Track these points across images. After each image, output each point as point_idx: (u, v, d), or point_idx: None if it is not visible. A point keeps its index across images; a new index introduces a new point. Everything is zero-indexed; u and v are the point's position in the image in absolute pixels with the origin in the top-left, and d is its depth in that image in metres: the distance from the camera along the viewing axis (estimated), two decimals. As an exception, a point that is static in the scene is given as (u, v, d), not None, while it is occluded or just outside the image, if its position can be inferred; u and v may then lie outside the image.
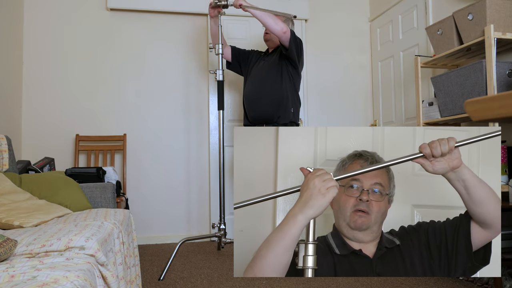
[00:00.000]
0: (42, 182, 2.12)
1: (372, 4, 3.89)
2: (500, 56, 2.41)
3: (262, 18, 2.62)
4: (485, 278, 2.06)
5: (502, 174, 2.13)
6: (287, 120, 2.72)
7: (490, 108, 0.54)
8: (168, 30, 3.55)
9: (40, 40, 3.34)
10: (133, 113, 3.46)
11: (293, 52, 2.68)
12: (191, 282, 2.23)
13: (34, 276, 0.91)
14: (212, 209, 3.51)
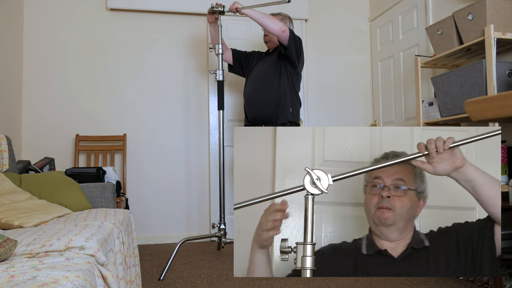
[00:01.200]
0: (42, 182, 2.12)
1: (372, 4, 3.89)
2: (500, 56, 2.41)
3: (260, 19, 2.62)
4: (485, 278, 2.06)
5: (502, 174, 2.13)
6: (285, 120, 2.72)
7: (490, 108, 0.54)
8: (168, 30, 3.55)
9: (40, 40, 3.34)
10: (133, 113, 3.46)
11: (292, 51, 2.68)
12: (191, 282, 2.23)
13: (34, 276, 0.91)
14: (212, 209, 3.51)
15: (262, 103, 2.74)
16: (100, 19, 3.45)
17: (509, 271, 1.97)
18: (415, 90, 2.89)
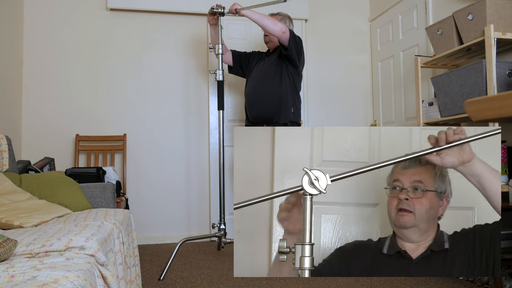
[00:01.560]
0: (42, 182, 2.12)
1: (372, 4, 3.89)
2: (500, 56, 2.41)
3: (260, 21, 2.61)
4: (485, 278, 2.06)
5: (502, 174, 2.13)
6: (287, 120, 2.72)
7: (490, 108, 0.54)
8: (168, 30, 3.55)
9: (40, 40, 3.34)
10: (133, 113, 3.46)
11: (293, 51, 2.67)
12: (191, 282, 2.23)
13: (34, 276, 0.91)
14: (212, 209, 3.51)
15: (263, 103, 2.74)
16: (100, 19, 3.45)
17: (509, 271, 1.97)
18: (415, 90, 2.89)
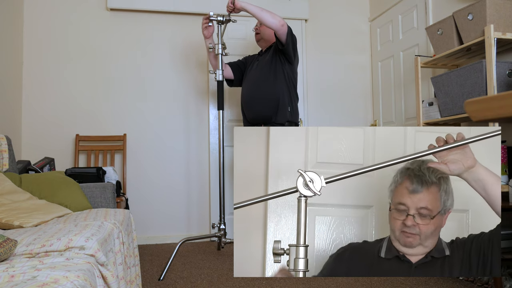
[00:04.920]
0: (42, 182, 2.12)
1: (372, 4, 3.89)
2: (500, 56, 2.41)
3: (258, 13, 2.58)
4: (485, 278, 2.06)
5: (502, 174, 2.13)
6: (284, 119, 2.71)
7: (490, 108, 0.54)
8: (168, 30, 3.55)
9: (40, 40, 3.34)
10: (133, 113, 3.46)
11: (290, 46, 2.66)
12: (191, 282, 2.23)
13: (34, 276, 0.91)
14: (212, 209, 3.51)
15: (259, 103, 2.72)
16: (100, 19, 3.45)
17: (509, 271, 1.97)
18: (415, 90, 2.89)
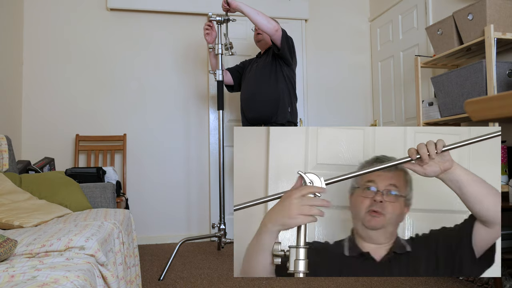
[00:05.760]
0: (42, 182, 2.12)
1: (372, 4, 3.89)
2: (500, 56, 2.41)
3: (253, 15, 2.57)
4: (485, 278, 2.06)
5: (502, 174, 2.13)
6: (284, 120, 2.71)
7: (490, 108, 0.54)
8: (168, 30, 3.55)
9: (40, 40, 3.34)
10: (133, 113, 3.46)
11: (286, 50, 2.66)
12: (191, 282, 2.23)
13: (34, 276, 0.91)
14: (212, 209, 3.51)
15: (259, 104, 2.73)
16: (100, 19, 3.45)
17: (509, 271, 1.97)
18: (415, 90, 2.89)
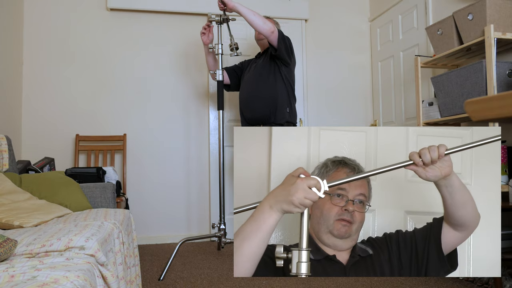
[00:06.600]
0: (42, 182, 2.12)
1: (372, 4, 3.89)
2: (500, 56, 2.41)
3: (249, 16, 2.56)
4: (485, 278, 2.06)
5: (502, 174, 2.13)
6: (283, 120, 2.71)
7: (490, 108, 0.54)
8: (168, 30, 3.55)
9: (40, 40, 3.34)
10: (133, 113, 3.46)
11: (283, 51, 2.67)
12: (191, 282, 2.23)
13: (34, 276, 0.91)
14: (212, 209, 3.51)
15: (258, 104, 2.73)
16: (100, 19, 3.45)
17: (509, 271, 1.97)
18: (415, 90, 2.89)
